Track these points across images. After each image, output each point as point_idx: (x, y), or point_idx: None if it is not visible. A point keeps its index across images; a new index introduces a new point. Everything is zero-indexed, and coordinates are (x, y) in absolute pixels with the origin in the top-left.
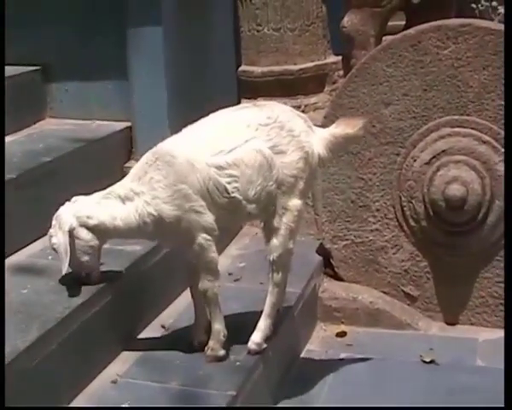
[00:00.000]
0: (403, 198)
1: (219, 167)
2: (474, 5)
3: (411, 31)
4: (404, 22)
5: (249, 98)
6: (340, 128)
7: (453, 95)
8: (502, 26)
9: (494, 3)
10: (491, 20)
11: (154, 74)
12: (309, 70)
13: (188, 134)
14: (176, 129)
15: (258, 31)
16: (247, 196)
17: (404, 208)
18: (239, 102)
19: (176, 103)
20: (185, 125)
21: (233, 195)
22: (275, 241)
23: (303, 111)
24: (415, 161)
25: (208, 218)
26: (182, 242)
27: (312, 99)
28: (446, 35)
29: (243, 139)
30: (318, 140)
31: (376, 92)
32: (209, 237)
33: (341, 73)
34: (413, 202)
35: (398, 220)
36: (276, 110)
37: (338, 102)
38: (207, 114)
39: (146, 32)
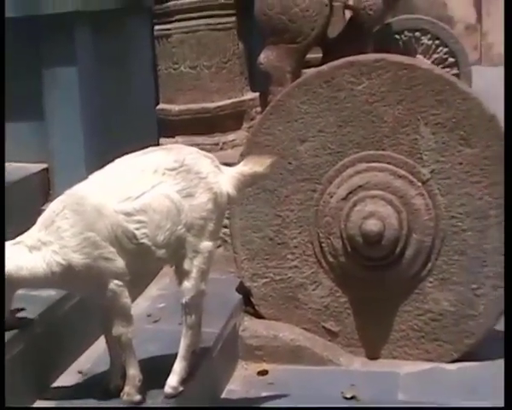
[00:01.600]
0: (321, 234)
1: (127, 214)
2: (397, 36)
3: (325, 67)
4: None
5: (168, 137)
6: (249, 166)
7: (368, 130)
8: (415, 61)
9: (417, 34)
10: (415, 50)
11: (70, 115)
12: (226, 107)
13: (95, 181)
14: (93, 170)
15: (174, 69)
16: (156, 242)
17: (323, 245)
18: (158, 141)
19: (93, 144)
20: (103, 166)
21: (142, 241)
22: (187, 284)
23: (221, 148)
24: (331, 197)
25: (119, 264)
26: (93, 289)
27: (230, 136)
28: (360, 71)
29: (151, 185)
30: (227, 179)
31: (292, 129)
32: (120, 283)
33: (259, 109)
34: (331, 238)
35: (317, 257)
36: (183, 153)
37: (254, 140)
38: (127, 154)
39: (60, 73)
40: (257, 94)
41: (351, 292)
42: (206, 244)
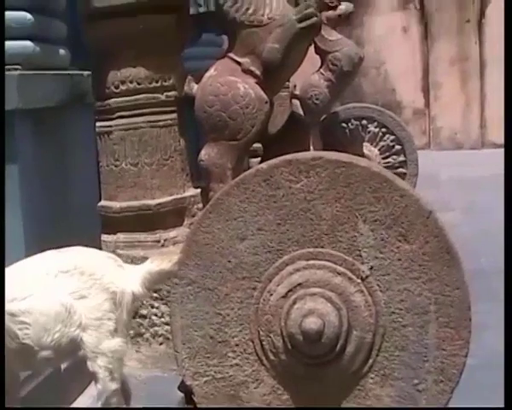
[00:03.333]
0: (261, 332)
1: (11, 314)
2: (344, 124)
3: (263, 166)
4: None
5: (109, 233)
6: (155, 264)
7: (307, 228)
8: (352, 158)
9: (364, 122)
10: (362, 138)
11: (11, 213)
12: (167, 204)
13: None
14: None
15: (116, 166)
16: (41, 343)
17: (263, 342)
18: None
19: (34, 241)
20: None
21: (24, 341)
22: (98, 386)
23: (162, 245)
24: (271, 294)
25: None
26: None
27: (171, 233)
28: (298, 169)
29: (40, 287)
30: (132, 278)
31: (231, 227)
32: None
33: (201, 206)
34: (271, 335)
35: (258, 354)
36: (78, 255)
37: (193, 239)
38: None
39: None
40: (198, 190)
41: (292, 389)
42: (108, 344)
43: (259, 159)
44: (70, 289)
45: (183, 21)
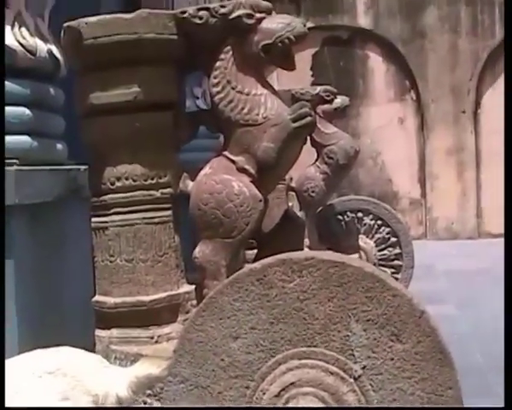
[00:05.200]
0: None
1: None
2: (340, 216)
3: (257, 265)
4: None
5: (103, 328)
6: (144, 367)
7: (300, 327)
8: (345, 258)
9: (359, 214)
10: (358, 230)
11: (6, 308)
12: (162, 300)
13: None
14: None
15: (111, 261)
16: None
17: None
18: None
19: (28, 337)
20: None
21: None
22: None
23: (156, 342)
24: (264, 393)
25: None
26: None
27: (165, 329)
28: (291, 268)
29: (25, 387)
30: (118, 380)
31: (224, 326)
32: None
33: (195, 302)
34: None
35: None
36: (64, 356)
37: (186, 337)
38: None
39: None
40: (193, 287)
41: None
42: None
43: (255, 251)
44: (54, 391)
45: (180, 118)
